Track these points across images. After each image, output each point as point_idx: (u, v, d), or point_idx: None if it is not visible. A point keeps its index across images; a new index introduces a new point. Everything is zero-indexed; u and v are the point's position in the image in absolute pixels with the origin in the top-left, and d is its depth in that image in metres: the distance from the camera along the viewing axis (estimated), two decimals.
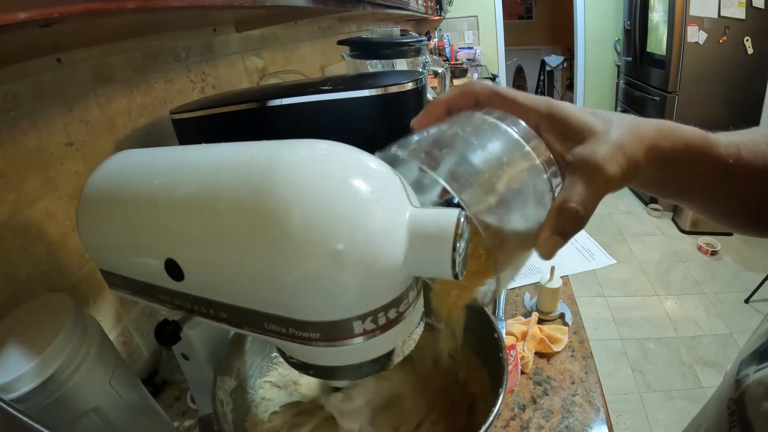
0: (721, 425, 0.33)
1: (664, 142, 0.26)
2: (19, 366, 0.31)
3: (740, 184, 0.31)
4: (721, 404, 0.34)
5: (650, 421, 1.55)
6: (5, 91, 0.44)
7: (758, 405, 0.29)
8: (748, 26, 2.45)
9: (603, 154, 0.24)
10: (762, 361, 0.30)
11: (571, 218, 0.23)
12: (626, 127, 0.26)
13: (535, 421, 0.52)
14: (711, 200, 0.33)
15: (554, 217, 0.23)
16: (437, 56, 3.24)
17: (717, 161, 0.29)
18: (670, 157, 0.27)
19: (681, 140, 0.27)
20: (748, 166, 0.30)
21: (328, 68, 1.45)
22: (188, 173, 0.30)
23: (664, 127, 0.27)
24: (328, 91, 0.53)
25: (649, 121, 0.27)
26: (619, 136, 0.25)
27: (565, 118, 0.25)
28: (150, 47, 0.67)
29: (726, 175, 0.30)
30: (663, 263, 2.41)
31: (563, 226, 0.23)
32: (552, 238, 0.23)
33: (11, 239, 0.45)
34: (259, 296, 0.26)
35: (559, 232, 0.23)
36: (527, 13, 5.33)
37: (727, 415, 0.32)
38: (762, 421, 0.28)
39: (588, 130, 0.25)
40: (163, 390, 0.61)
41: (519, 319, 0.67)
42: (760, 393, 0.29)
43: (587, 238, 0.91)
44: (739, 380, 0.32)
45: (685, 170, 0.29)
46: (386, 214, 0.24)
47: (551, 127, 0.26)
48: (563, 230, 0.23)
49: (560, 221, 0.23)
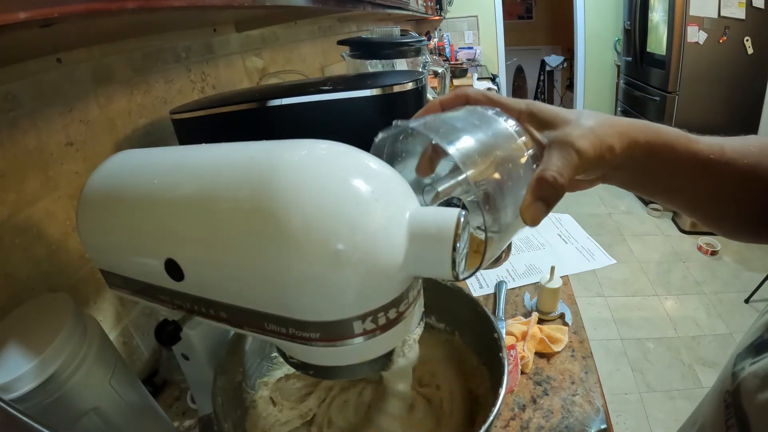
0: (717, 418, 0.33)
1: (638, 133, 0.29)
2: (19, 366, 0.31)
3: (725, 184, 0.32)
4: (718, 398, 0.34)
5: (650, 421, 1.55)
6: (5, 91, 0.44)
7: (753, 397, 0.29)
8: (748, 26, 2.45)
9: (575, 134, 0.27)
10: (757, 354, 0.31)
11: (550, 185, 0.26)
12: (599, 118, 0.29)
13: (535, 421, 0.52)
14: (696, 200, 0.34)
15: (534, 184, 0.26)
16: (437, 56, 3.24)
17: (697, 156, 0.31)
18: (647, 150, 0.29)
19: (656, 134, 0.29)
20: (732, 165, 0.31)
21: (328, 68, 1.45)
22: (188, 173, 0.30)
23: (639, 122, 0.30)
24: (328, 91, 0.53)
25: (623, 117, 0.30)
26: (591, 123, 0.28)
27: (540, 110, 0.30)
28: (150, 47, 0.67)
29: (708, 173, 0.31)
30: (663, 263, 2.41)
31: (543, 193, 0.26)
32: (534, 204, 0.26)
33: (11, 239, 0.45)
34: (259, 296, 0.26)
35: (541, 198, 0.26)
36: (527, 13, 5.32)
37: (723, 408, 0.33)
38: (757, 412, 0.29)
39: (562, 119, 0.29)
40: (163, 390, 0.61)
41: (519, 319, 0.67)
42: (755, 385, 0.29)
43: (587, 238, 0.91)
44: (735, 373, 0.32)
45: (665, 166, 0.30)
46: (386, 214, 0.24)
47: (530, 119, 0.30)
48: (543, 196, 0.26)
49: (540, 188, 0.26)
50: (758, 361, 0.30)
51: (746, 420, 0.30)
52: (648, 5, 2.82)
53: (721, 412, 0.33)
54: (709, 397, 0.38)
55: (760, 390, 0.29)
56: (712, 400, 0.36)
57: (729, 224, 0.36)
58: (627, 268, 2.37)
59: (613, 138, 0.28)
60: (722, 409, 0.33)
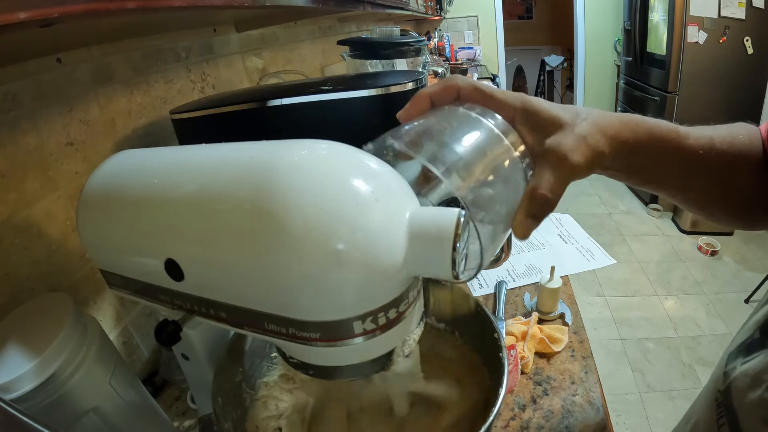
0: (709, 417, 0.34)
1: (626, 133, 0.29)
2: (19, 366, 0.31)
3: (716, 174, 0.32)
4: (710, 397, 0.35)
5: (650, 421, 1.55)
6: (5, 91, 0.44)
7: (743, 395, 0.30)
8: (748, 26, 2.45)
9: (568, 146, 0.27)
10: (748, 354, 0.31)
11: (542, 203, 0.26)
12: (591, 120, 0.28)
13: (535, 421, 0.52)
14: (688, 190, 0.34)
15: (527, 202, 0.26)
16: (437, 56, 3.24)
17: (687, 151, 0.31)
18: (634, 147, 0.29)
19: (645, 131, 0.29)
20: (722, 156, 0.32)
21: (328, 68, 1.45)
22: (188, 173, 0.30)
23: (629, 119, 0.29)
24: (328, 91, 0.53)
25: (615, 114, 0.29)
26: (584, 129, 0.28)
27: (536, 112, 0.28)
28: (150, 47, 0.67)
29: (699, 165, 0.31)
30: (663, 263, 2.41)
31: (535, 210, 0.26)
32: (526, 221, 0.26)
33: (11, 239, 0.45)
34: (259, 296, 0.26)
35: (532, 215, 0.26)
36: (527, 13, 5.32)
37: (715, 407, 0.33)
38: (746, 410, 0.29)
39: (556, 123, 0.28)
40: (163, 390, 0.61)
41: (519, 319, 0.67)
42: (746, 384, 0.30)
43: (587, 238, 0.91)
44: (726, 372, 0.33)
45: (654, 160, 0.31)
46: (386, 213, 0.24)
47: (524, 120, 0.29)
48: (535, 213, 0.26)
49: (532, 206, 0.26)
50: (749, 360, 0.31)
51: (736, 418, 0.30)
52: (648, 5, 2.82)
53: (713, 410, 0.33)
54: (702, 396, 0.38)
55: (750, 389, 0.29)
56: (705, 399, 0.36)
57: (719, 211, 0.36)
58: (627, 268, 2.37)
59: (603, 144, 0.28)
60: (714, 408, 0.33)
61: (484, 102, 0.30)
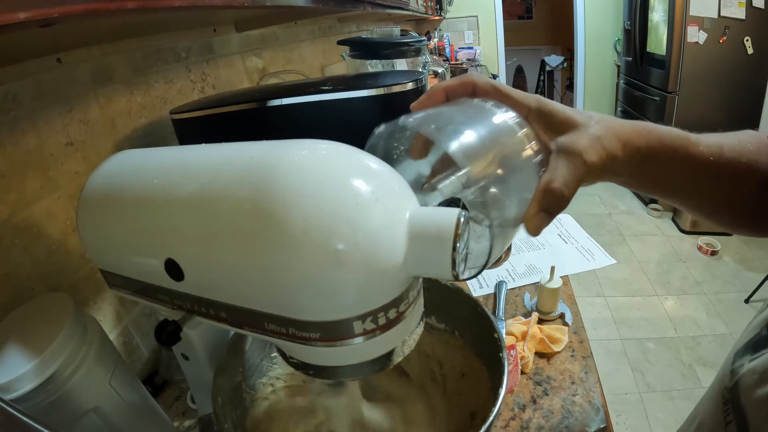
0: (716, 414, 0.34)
1: (638, 140, 0.29)
2: (19, 366, 0.31)
3: (725, 183, 0.32)
4: (716, 394, 0.35)
5: (650, 420, 1.55)
6: (5, 91, 0.44)
7: (751, 393, 0.30)
8: (748, 26, 2.45)
9: (583, 144, 0.27)
10: (756, 351, 0.31)
11: (555, 197, 0.26)
12: (605, 123, 0.28)
13: (535, 421, 0.52)
14: (696, 198, 0.35)
15: (540, 195, 0.26)
16: (437, 56, 3.24)
17: (697, 159, 0.31)
18: (647, 154, 0.29)
19: (657, 139, 0.29)
20: (731, 165, 0.32)
21: (328, 68, 1.45)
22: (188, 173, 0.30)
23: (640, 127, 0.29)
24: (328, 91, 0.53)
25: (626, 121, 0.30)
26: (598, 130, 0.28)
27: (550, 112, 0.29)
28: (150, 47, 0.67)
29: (708, 173, 0.31)
30: (663, 263, 2.41)
31: (548, 204, 0.26)
32: (539, 215, 0.26)
33: (11, 239, 0.45)
34: (259, 296, 0.26)
35: (545, 210, 0.26)
36: (527, 13, 5.32)
37: (722, 404, 0.33)
38: (754, 407, 0.29)
39: (571, 123, 0.28)
40: (163, 390, 0.61)
41: (519, 319, 0.67)
42: (753, 381, 0.30)
43: (587, 238, 0.91)
44: (733, 370, 0.33)
45: (664, 168, 0.31)
46: (386, 213, 0.24)
47: (539, 119, 0.29)
48: (548, 208, 0.26)
49: (545, 200, 0.26)
50: (757, 357, 0.31)
51: (744, 415, 0.30)
52: (648, 5, 2.82)
53: (719, 408, 0.33)
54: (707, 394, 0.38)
55: (758, 385, 0.29)
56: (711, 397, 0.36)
57: (726, 218, 0.36)
58: (627, 268, 2.37)
59: (617, 148, 0.28)
60: (721, 406, 0.33)
61: (500, 100, 0.30)
